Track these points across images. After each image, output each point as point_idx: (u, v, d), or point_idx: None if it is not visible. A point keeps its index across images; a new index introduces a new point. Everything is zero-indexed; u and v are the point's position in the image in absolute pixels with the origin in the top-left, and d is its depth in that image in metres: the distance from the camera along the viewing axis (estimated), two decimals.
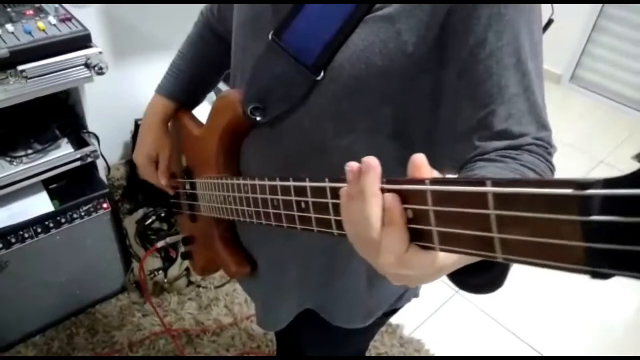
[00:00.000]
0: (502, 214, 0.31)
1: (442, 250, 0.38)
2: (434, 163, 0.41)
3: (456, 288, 0.46)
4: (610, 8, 3.06)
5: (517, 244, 0.30)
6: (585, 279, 0.27)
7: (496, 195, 0.31)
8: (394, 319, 1.49)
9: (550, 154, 0.60)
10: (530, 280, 1.88)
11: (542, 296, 2.02)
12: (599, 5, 3.08)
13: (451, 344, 1.88)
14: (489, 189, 0.31)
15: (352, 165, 0.43)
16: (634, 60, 3.09)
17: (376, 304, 0.90)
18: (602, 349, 1.89)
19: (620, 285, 2.11)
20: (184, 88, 0.97)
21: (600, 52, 3.22)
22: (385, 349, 1.82)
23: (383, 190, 0.41)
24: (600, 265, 0.26)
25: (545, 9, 0.71)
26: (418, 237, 0.39)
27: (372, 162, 0.41)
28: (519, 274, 0.60)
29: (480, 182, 0.32)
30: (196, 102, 1.02)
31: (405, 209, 0.39)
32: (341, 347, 1.00)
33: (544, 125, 0.60)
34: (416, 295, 0.97)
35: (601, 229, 0.26)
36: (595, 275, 0.27)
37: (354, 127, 0.66)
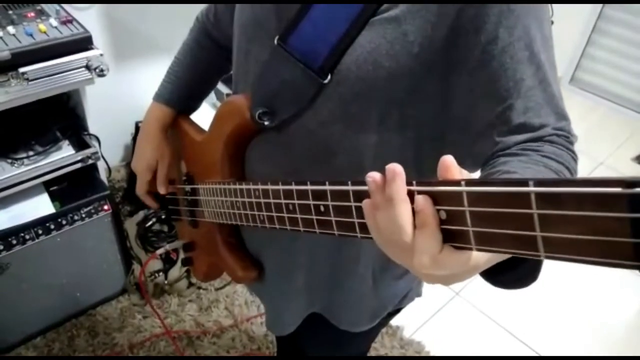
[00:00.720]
0: (546, 213, 0.31)
1: (478, 250, 0.37)
2: None
3: (457, 289, 0.46)
4: (610, 10, 3.06)
5: (562, 242, 0.31)
6: (584, 280, 0.28)
7: (540, 195, 0.31)
8: (394, 321, 1.48)
9: (571, 142, 0.60)
10: None
11: (542, 298, 2.02)
12: (598, 7, 3.08)
13: (451, 346, 1.88)
14: (532, 189, 0.32)
15: (373, 175, 0.42)
16: (634, 62, 3.09)
17: (381, 305, 0.90)
18: (602, 350, 1.89)
19: (620, 286, 2.12)
20: (181, 95, 0.97)
21: (600, 54, 3.22)
22: (385, 350, 1.82)
23: (414, 193, 0.40)
24: None
25: None
26: (452, 238, 0.39)
27: (397, 169, 0.40)
28: None
29: (522, 183, 0.32)
30: (194, 107, 1.02)
31: (438, 210, 0.39)
32: (344, 348, 1.00)
33: (563, 115, 0.60)
34: (419, 294, 0.97)
35: None
36: None
37: (362, 129, 0.66)
